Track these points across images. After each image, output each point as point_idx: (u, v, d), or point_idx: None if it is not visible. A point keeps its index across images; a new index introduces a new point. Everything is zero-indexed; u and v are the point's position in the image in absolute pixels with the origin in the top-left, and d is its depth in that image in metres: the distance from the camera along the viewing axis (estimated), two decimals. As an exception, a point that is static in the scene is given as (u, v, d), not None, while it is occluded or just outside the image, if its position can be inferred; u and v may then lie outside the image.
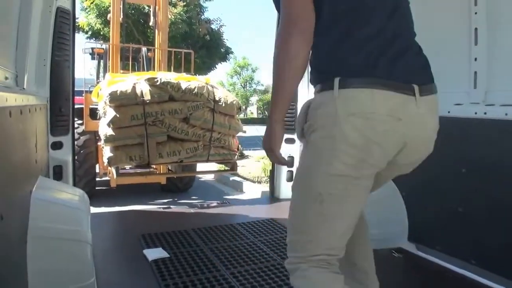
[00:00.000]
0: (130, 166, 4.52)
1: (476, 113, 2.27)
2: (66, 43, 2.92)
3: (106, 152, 3.47)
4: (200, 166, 5.73)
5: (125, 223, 3.40)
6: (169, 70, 5.59)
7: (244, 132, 3.99)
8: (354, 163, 1.22)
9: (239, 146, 4.00)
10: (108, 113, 3.39)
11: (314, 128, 1.28)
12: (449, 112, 2.37)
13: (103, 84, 3.90)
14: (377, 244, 2.41)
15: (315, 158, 1.28)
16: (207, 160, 3.80)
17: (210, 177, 7.49)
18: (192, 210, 3.78)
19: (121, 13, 5.83)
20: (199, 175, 6.90)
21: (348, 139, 1.20)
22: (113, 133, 3.34)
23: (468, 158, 2.28)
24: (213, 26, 15.30)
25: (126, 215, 3.78)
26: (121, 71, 5.84)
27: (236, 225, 3.06)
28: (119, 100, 3.30)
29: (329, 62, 1.27)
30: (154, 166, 5.15)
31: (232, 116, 3.73)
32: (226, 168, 4.41)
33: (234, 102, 3.69)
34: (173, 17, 12.73)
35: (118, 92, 3.30)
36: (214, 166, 6.36)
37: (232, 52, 17.74)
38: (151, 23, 6.24)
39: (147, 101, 3.34)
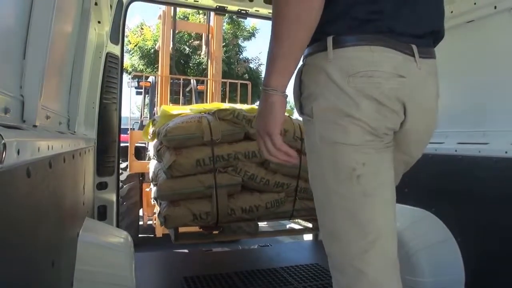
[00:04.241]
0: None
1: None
2: (114, 86, 3.01)
3: (163, 208, 2.68)
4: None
5: (166, 264, 3.35)
6: (223, 102, 5.34)
7: None
8: (367, 128, 1.08)
9: None
10: (165, 157, 2.65)
11: (313, 97, 1.12)
12: (506, 152, 2.24)
13: (156, 119, 3.28)
14: (432, 295, 2.26)
15: (328, 131, 1.10)
16: (291, 217, 2.94)
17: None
18: (233, 252, 3.70)
19: (171, 43, 5.53)
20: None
21: (353, 103, 1.06)
22: (172, 184, 2.58)
23: (530, 201, 2.13)
24: (251, 65, 15.61)
25: (167, 255, 3.74)
26: (170, 104, 5.48)
27: (279, 269, 2.96)
28: (179, 140, 2.58)
29: (319, 18, 1.08)
30: None
31: None
32: (310, 226, 3.29)
33: None
34: (212, 57, 13.08)
35: (179, 128, 2.58)
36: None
37: (270, 90, 17.82)
38: (203, 53, 5.97)
39: (217, 141, 2.57)
